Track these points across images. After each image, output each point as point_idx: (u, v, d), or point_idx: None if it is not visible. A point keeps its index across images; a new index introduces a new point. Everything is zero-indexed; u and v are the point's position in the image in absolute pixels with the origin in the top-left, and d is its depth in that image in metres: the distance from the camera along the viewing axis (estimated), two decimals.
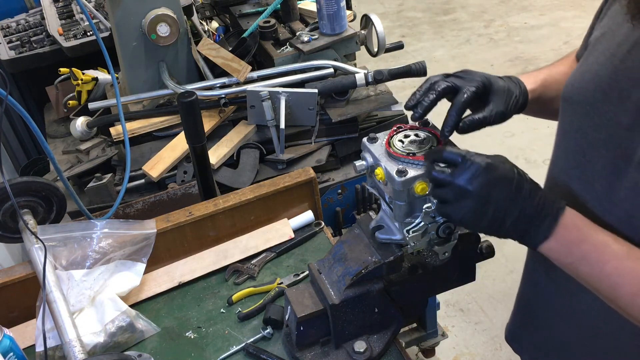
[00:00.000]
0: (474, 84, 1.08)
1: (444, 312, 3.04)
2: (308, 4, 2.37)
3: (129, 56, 2.03)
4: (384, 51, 2.16)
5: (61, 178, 1.52)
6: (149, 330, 1.37)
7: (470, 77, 1.10)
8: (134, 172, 1.92)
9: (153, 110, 2.07)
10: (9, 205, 1.44)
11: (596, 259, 0.96)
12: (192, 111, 1.52)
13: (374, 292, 1.18)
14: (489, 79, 1.11)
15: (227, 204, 1.54)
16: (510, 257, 3.24)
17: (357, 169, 1.13)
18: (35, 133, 1.36)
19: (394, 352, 1.25)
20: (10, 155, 2.95)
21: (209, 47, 2.10)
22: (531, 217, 0.96)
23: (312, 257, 1.53)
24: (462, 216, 0.98)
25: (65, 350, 1.19)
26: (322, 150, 2.00)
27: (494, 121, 1.10)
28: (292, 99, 1.96)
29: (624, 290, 0.94)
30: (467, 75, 1.11)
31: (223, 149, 1.95)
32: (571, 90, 1.11)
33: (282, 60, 2.10)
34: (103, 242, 1.44)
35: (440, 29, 5.76)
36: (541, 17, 5.70)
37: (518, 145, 4.00)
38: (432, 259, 1.20)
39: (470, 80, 1.09)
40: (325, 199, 1.92)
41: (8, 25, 2.65)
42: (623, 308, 0.97)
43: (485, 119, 1.08)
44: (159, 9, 1.96)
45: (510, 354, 1.52)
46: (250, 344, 1.31)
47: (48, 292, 1.28)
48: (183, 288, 1.49)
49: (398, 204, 1.07)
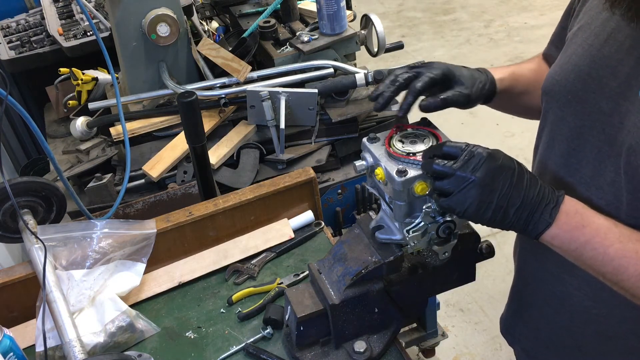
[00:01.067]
0: (433, 72, 1.13)
1: (444, 312, 3.04)
2: (308, 4, 2.37)
3: (129, 56, 2.03)
4: (384, 51, 2.16)
5: (61, 178, 1.52)
6: (149, 330, 1.37)
7: (432, 66, 1.15)
8: (134, 172, 1.92)
9: (153, 110, 2.07)
10: (9, 205, 1.44)
11: (599, 243, 0.97)
12: (192, 111, 1.52)
13: (374, 292, 1.18)
14: (449, 68, 1.16)
15: (227, 204, 1.54)
16: (510, 257, 3.23)
17: (357, 169, 1.13)
18: (35, 133, 1.36)
19: (394, 352, 1.25)
20: (10, 155, 2.95)
21: (209, 47, 2.10)
22: (533, 205, 0.97)
23: (312, 257, 1.53)
24: (467, 207, 0.98)
25: (65, 350, 1.19)
26: (322, 150, 2.00)
27: (457, 102, 1.14)
28: (292, 99, 1.96)
29: (628, 272, 0.96)
30: (429, 65, 1.15)
31: (223, 149, 1.95)
32: (552, 82, 1.14)
33: (282, 60, 2.10)
34: (103, 242, 1.44)
35: (440, 29, 5.76)
36: (541, 17, 5.71)
37: (518, 146, 4.01)
38: (432, 259, 1.20)
39: (430, 69, 1.14)
40: (325, 199, 1.92)
41: (8, 25, 2.65)
42: (628, 289, 0.98)
43: (446, 98, 1.12)
44: (159, 9, 1.96)
45: (510, 354, 1.52)
46: (250, 344, 1.31)
47: (48, 292, 1.28)
48: (183, 288, 1.49)
49: (398, 204, 1.07)
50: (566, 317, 1.25)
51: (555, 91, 1.13)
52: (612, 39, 1.03)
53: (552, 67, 1.17)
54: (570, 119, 1.10)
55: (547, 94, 1.16)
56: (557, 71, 1.14)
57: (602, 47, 1.05)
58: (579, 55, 1.09)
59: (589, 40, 1.08)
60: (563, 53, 1.16)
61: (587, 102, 1.06)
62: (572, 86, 1.08)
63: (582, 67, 1.07)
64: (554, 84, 1.13)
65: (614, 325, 1.17)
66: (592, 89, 1.05)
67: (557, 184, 1.11)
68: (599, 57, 1.05)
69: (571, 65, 1.10)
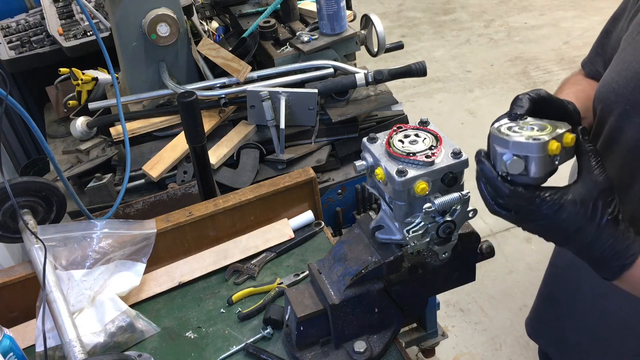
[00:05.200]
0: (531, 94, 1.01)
1: (444, 312, 3.04)
2: (308, 4, 2.37)
3: (129, 56, 2.03)
4: (384, 51, 2.16)
5: (61, 178, 1.52)
6: (149, 330, 1.37)
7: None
8: (134, 172, 1.92)
9: (153, 110, 2.07)
10: (9, 205, 1.43)
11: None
12: (192, 111, 1.52)
13: (374, 292, 1.18)
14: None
15: (227, 204, 1.54)
16: (510, 257, 3.24)
17: (357, 169, 1.13)
18: (35, 133, 1.36)
19: (394, 352, 1.25)
20: (10, 155, 2.95)
21: (209, 47, 2.10)
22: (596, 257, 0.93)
23: (312, 257, 1.53)
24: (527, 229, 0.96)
25: (65, 350, 1.19)
26: (322, 150, 2.00)
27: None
28: (292, 99, 1.96)
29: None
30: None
31: (223, 149, 1.95)
32: (608, 90, 1.07)
33: (282, 60, 2.10)
34: (103, 242, 1.44)
35: (440, 29, 5.76)
36: (541, 17, 5.70)
37: None
38: (432, 259, 1.20)
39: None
40: (325, 199, 1.92)
41: (8, 25, 2.65)
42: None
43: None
44: (159, 9, 1.96)
45: (510, 354, 1.52)
46: (250, 344, 1.31)
47: (48, 292, 1.28)
48: (183, 288, 1.49)
49: (398, 204, 1.07)
50: (606, 330, 1.24)
51: (611, 100, 1.06)
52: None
53: (607, 73, 1.09)
54: (628, 131, 1.03)
55: (603, 102, 1.08)
56: (614, 78, 1.06)
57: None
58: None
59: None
60: (619, 57, 1.08)
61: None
62: (631, 95, 1.02)
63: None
64: (610, 92, 1.06)
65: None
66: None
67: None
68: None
69: (631, 72, 1.02)
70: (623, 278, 0.93)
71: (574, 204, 0.88)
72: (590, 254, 0.92)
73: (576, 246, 0.93)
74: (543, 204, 0.88)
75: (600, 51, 1.21)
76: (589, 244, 0.91)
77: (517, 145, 0.89)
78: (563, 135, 0.90)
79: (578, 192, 0.89)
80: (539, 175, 0.89)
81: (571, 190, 0.89)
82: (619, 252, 0.91)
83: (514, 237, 3.37)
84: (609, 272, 0.93)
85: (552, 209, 0.88)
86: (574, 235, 0.90)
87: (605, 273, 0.94)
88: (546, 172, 0.90)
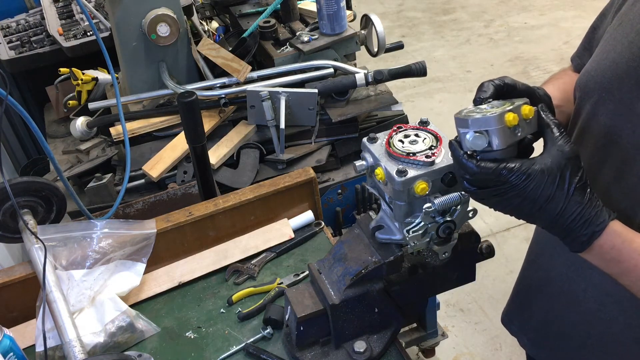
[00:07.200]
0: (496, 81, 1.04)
1: (444, 312, 3.04)
2: (308, 4, 2.37)
3: (129, 56, 2.03)
4: (384, 51, 2.16)
5: (61, 178, 1.52)
6: (149, 330, 1.37)
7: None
8: (134, 172, 1.92)
9: (153, 110, 2.07)
10: (9, 205, 1.43)
11: (635, 277, 0.95)
12: (192, 111, 1.52)
13: (374, 292, 1.18)
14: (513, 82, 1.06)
15: (227, 204, 1.54)
16: (510, 257, 3.24)
17: (357, 169, 1.13)
18: (35, 133, 1.36)
19: (394, 352, 1.25)
20: (10, 155, 2.95)
21: (209, 47, 2.10)
22: (566, 226, 0.93)
23: (312, 257, 1.53)
24: (498, 209, 0.95)
25: (65, 350, 1.19)
26: (322, 150, 2.00)
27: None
28: (292, 99, 1.96)
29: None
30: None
31: (223, 149, 1.95)
32: (587, 78, 1.10)
33: (282, 60, 2.10)
34: (103, 242, 1.44)
35: (440, 29, 5.76)
36: (541, 17, 5.70)
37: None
38: (432, 259, 1.20)
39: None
40: (325, 199, 1.92)
41: (8, 25, 2.65)
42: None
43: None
44: (159, 9, 1.96)
45: (510, 354, 1.52)
46: (250, 344, 1.31)
47: (48, 292, 1.28)
48: (183, 288, 1.49)
49: (398, 204, 1.07)
50: (573, 318, 1.25)
51: (589, 87, 1.09)
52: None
53: (588, 62, 1.12)
54: (602, 117, 1.06)
55: (581, 90, 1.11)
56: (593, 67, 1.09)
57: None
58: (618, 52, 1.04)
59: (630, 36, 1.03)
60: (601, 48, 1.11)
61: (622, 102, 1.02)
62: (607, 84, 1.04)
63: (620, 64, 1.03)
64: (589, 79, 1.09)
65: (618, 331, 1.16)
66: (628, 89, 1.01)
67: None
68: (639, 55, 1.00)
69: (609, 61, 1.05)
70: (592, 250, 0.94)
71: (542, 173, 0.90)
72: (559, 223, 0.92)
73: (546, 218, 0.93)
74: (510, 174, 0.89)
75: (588, 46, 1.23)
76: (559, 214, 0.91)
77: (475, 121, 0.92)
78: (520, 107, 0.93)
79: (544, 162, 0.90)
80: (502, 146, 0.92)
81: (537, 160, 0.91)
82: (588, 220, 0.92)
83: (514, 237, 3.37)
84: (578, 242, 0.93)
85: (521, 178, 0.89)
86: (545, 205, 0.91)
87: (575, 245, 0.94)
88: (509, 143, 0.92)
